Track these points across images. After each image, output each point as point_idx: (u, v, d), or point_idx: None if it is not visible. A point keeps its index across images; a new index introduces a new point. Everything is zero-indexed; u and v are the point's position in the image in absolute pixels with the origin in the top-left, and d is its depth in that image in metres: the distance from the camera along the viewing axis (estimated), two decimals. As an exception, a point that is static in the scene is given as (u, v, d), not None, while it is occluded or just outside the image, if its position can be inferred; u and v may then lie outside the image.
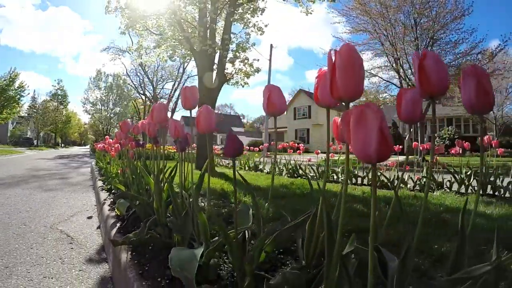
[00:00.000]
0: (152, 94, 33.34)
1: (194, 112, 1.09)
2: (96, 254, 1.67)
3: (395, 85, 13.10)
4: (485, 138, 3.29)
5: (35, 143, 34.29)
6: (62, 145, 46.07)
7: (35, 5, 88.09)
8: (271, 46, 19.19)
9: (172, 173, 1.39)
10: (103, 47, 36.30)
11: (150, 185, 1.48)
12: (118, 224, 1.69)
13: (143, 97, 34.34)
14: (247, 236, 0.96)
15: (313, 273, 0.75)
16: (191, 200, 1.15)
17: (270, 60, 18.69)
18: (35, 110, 35.53)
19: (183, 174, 1.22)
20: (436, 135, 20.70)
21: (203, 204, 1.62)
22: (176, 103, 32.90)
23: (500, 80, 19.28)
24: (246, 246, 0.93)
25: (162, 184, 1.35)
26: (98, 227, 2.17)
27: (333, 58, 0.56)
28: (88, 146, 35.58)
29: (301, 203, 2.13)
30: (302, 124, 28.17)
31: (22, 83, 22.52)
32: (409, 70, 11.91)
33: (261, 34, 6.60)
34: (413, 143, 3.61)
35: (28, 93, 24.88)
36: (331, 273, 0.60)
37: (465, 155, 3.61)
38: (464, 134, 20.11)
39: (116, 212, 1.90)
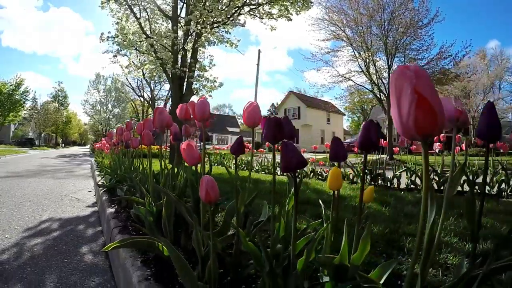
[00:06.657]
0: (150, 96, 34.69)
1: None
2: (92, 204, 2.99)
3: (367, 89, 14.31)
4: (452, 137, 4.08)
5: (37, 143, 35.59)
6: (63, 145, 47.36)
7: (37, 6, 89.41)
8: (259, 51, 20.51)
9: (129, 160, 2.71)
10: (102, 50, 37.46)
11: (119, 164, 2.81)
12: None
13: (141, 98, 35.70)
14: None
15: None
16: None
17: (258, 65, 20.02)
18: (36, 111, 36.76)
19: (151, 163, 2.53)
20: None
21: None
22: (173, 104, 34.10)
23: (476, 82, 20.62)
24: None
25: (124, 163, 2.67)
26: (95, 195, 3.48)
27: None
28: (88, 146, 36.75)
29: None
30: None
31: (27, 88, 23.99)
32: (379, 76, 13.07)
33: (235, 47, 7.92)
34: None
35: (33, 97, 26.18)
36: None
37: (440, 154, 4.05)
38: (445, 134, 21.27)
39: (104, 182, 3.22)
